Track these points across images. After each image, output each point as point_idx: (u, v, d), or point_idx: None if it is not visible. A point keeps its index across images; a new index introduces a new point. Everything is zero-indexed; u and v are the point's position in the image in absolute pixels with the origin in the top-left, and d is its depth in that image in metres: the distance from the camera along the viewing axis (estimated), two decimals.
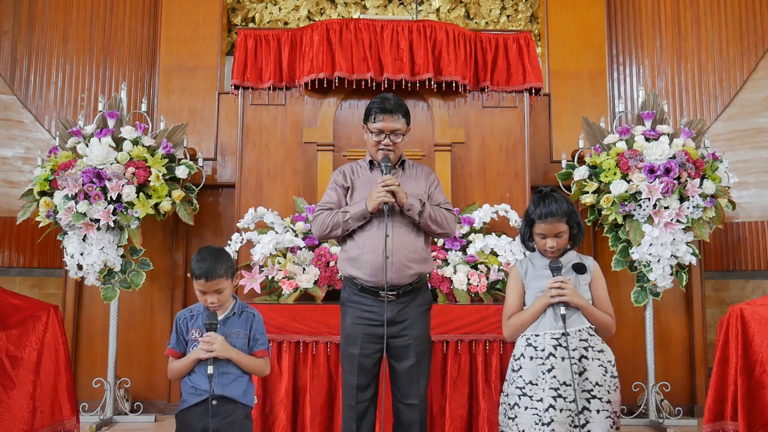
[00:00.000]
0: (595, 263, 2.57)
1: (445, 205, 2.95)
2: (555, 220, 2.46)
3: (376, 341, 2.80)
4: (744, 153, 5.28)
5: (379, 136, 2.86)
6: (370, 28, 4.37)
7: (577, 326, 2.41)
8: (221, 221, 4.96)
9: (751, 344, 2.89)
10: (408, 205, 2.79)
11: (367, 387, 2.82)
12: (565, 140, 4.99)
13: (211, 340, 2.39)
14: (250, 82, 4.50)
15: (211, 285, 2.43)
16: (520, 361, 2.43)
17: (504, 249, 4.08)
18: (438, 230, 2.88)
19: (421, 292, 2.90)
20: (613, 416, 2.37)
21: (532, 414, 2.34)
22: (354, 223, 2.82)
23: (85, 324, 4.79)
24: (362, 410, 2.81)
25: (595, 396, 2.35)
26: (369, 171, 2.96)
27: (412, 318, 2.82)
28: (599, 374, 2.38)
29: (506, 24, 5.84)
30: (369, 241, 2.81)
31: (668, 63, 5.54)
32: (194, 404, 2.42)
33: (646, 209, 4.15)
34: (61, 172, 4.22)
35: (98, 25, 5.50)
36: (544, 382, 2.35)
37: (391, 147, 2.86)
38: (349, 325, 2.86)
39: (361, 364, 2.80)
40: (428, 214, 2.82)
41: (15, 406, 2.83)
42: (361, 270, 2.81)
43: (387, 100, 2.89)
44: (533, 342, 2.42)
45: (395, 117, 2.86)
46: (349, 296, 2.87)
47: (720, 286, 5.25)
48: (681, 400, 4.66)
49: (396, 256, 2.77)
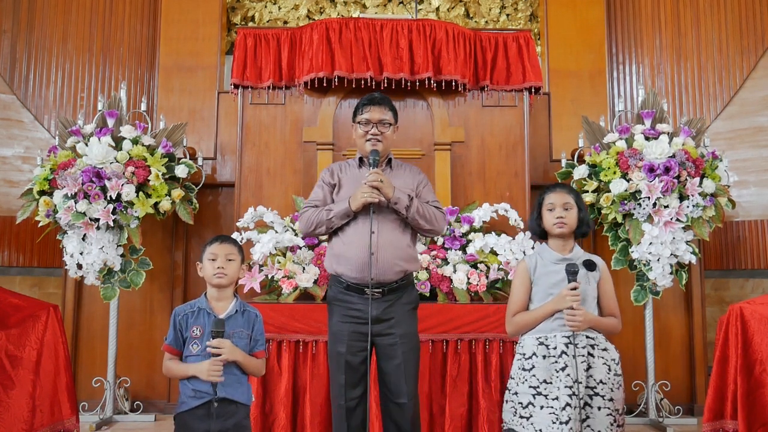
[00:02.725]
0: (603, 263, 2.58)
1: (434, 203, 2.93)
2: (564, 191, 2.56)
3: (362, 339, 2.79)
4: (744, 152, 5.28)
5: (367, 126, 2.86)
6: (369, 27, 4.37)
7: (586, 331, 2.44)
8: (221, 220, 4.96)
9: (751, 343, 2.89)
10: (395, 198, 2.76)
11: (356, 385, 2.80)
12: (564, 139, 4.99)
13: (220, 344, 2.37)
14: (249, 81, 4.50)
15: (223, 248, 2.49)
16: (533, 360, 2.43)
17: (504, 248, 4.09)
18: (426, 226, 2.85)
19: (407, 290, 2.88)
20: (614, 414, 2.38)
21: (548, 413, 2.34)
22: (338, 221, 2.80)
23: (84, 323, 4.79)
24: (351, 408, 2.80)
25: (598, 393, 2.37)
26: (357, 168, 2.94)
27: (398, 316, 2.80)
28: (603, 372, 2.40)
29: (506, 23, 5.83)
30: (355, 238, 2.79)
31: (668, 62, 5.54)
32: (195, 406, 2.39)
33: (645, 208, 4.15)
34: (60, 172, 4.22)
35: (98, 25, 5.50)
36: (559, 380, 2.36)
37: (378, 137, 2.85)
38: (336, 324, 2.85)
39: (348, 363, 2.79)
40: (416, 208, 2.80)
41: (15, 405, 2.83)
42: (346, 267, 2.80)
43: (374, 94, 2.95)
44: (545, 341, 2.43)
45: (383, 108, 2.88)
46: (335, 294, 2.86)
47: (720, 285, 5.25)
48: (681, 398, 4.67)
49: (382, 253, 2.75)
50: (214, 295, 2.52)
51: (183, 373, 2.42)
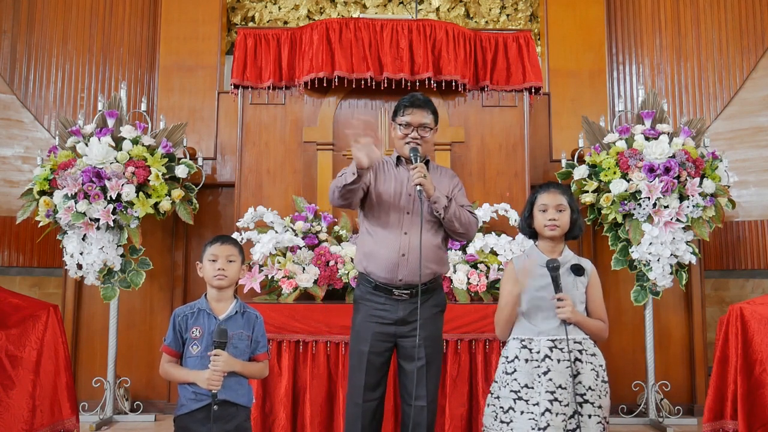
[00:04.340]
0: (593, 267, 2.53)
1: (468, 207, 2.89)
2: (557, 192, 2.49)
3: (386, 340, 2.78)
4: (744, 152, 5.28)
5: (407, 129, 2.82)
6: (369, 27, 4.37)
7: (573, 335, 2.38)
8: (221, 221, 4.96)
9: (751, 343, 2.90)
10: (435, 197, 2.72)
11: (376, 386, 2.78)
12: (564, 139, 4.99)
13: (217, 355, 2.35)
14: (249, 81, 4.50)
15: (224, 249, 2.48)
16: (514, 363, 2.38)
17: (504, 248, 4.09)
18: (461, 229, 2.80)
19: (435, 293, 2.86)
20: (603, 422, 2.33)
21: (528, 418, 2.29)
22: (350, 177, 2.64)
23: (84, 323, 4.79)
24: (368, 409, 2.77)
25: (588, 400, 2.32)
26: (395, 167, 2.90)
27: (424, 318, 2.75)
28: (591, 378, 2.35)
29: (506, 23, 5.83)
30: (386, 237, 2.77)
31: (668, 62, 5.54)
32: (195, 409, 2.38)
33: (645, 208, 4.15)
34: (60, 172, 4.22)
35: (98, 25, 5.50)
36: (540, 385, 2.31)
37: (418, 140, 2.81)
38: (360, 323, 2.82)
39: (370, 362, 2.76)
40: (453, 210, 2.76)
41: (15, 405, 2.83)
42: (376, 266, 2.77)
43: (416, 95, 2.89)
44: (528, 344, 2.39)
45: (424, 112, 2.84)
46: (363, 294, 2.84)
47: (720, 285, 5.25)
48: (681, 399, 4.66)
49: (413, 254, 2.72)
50: (214, 295, 2.51)
51: (183, 379, 2.41)
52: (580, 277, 2.45)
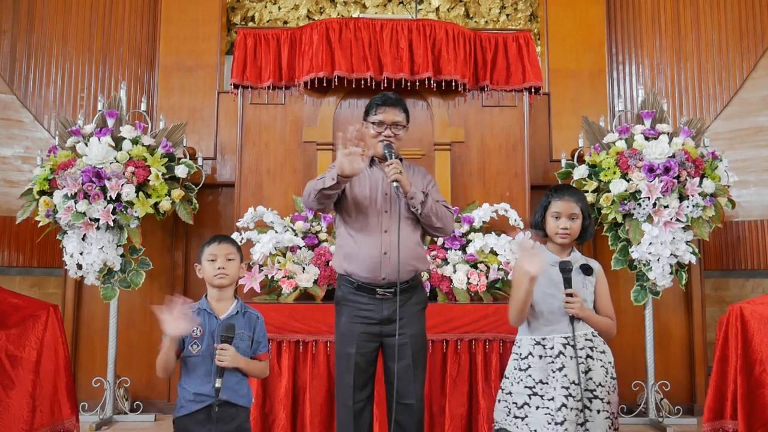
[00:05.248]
0: (600, 266, 2.58)
1: (443, 203, 2.92)
2: (572, 200, 2.51)
3: (372, 340, 2.78)
4: (744, 152, 5.28)
5: (380, 127, 2.84)
6: (369, 27, 4.37)
7: (583, 330, 2.43)
8: (221, 220, 4.96)
9: (751, 343, 2.90)
10: (411, 193, 2.74)
11: (363, 387, 2.79)
12: (564, 139, 4.99)
13: (223, 352, 2.35)
14: (249, 81, 4.49)
15: (222, 248, 2.49)
16: (528, 359, 2.42)
17: (504, 248, 4.08)
18: (438, 224, 2.83)
19: (417, 290, 2.88)
20: (611, 417, 2.39)
21: (544, 414, 2.34)
22: (329, 182, 2.64)
23: (84, 323, 4.79)
24: (359, 410, 2.78)
25: (597, 396, 2.37)
26: (368, 168, 2.89)
27: (407, 317, 2.78)
28: (601, 375, 2.40)
29: (506, 23, 5.83)
30: (366, 237, 2.78)
31: (668, 62, 5.54)
32: (195, 410, 2.37)
33: (645, 208, 4.15)
34: (60, 172, 4.22)
35: (98, 24, 5.50)
36: (555, 381, 2.35)
37: (392, 138, 2.84)
38: (344, 324, 2.82)
39: (357, 364, 2.77)
40: (430, 205, 2.79)
41: (15, 405, 2.84)
42: (357, 266, 2.77)
43: (388, 94, 2.92)
44: (542, 341, 2.43)
45: (396, 110, 2.87)
46: (345, 295, 2.84)
47: (720, 285, 5.25)
48: (681, 398, 4.67)
49: (395, 252, 2.72)
50: (214, 295, 2.51)
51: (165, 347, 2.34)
52: (589, 277, 2.51)
